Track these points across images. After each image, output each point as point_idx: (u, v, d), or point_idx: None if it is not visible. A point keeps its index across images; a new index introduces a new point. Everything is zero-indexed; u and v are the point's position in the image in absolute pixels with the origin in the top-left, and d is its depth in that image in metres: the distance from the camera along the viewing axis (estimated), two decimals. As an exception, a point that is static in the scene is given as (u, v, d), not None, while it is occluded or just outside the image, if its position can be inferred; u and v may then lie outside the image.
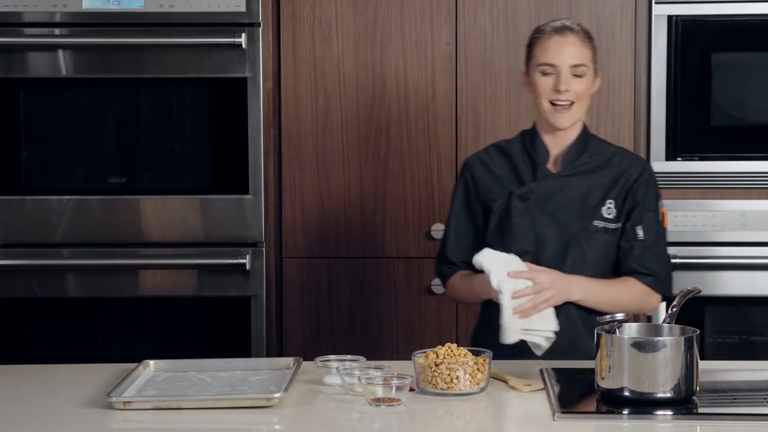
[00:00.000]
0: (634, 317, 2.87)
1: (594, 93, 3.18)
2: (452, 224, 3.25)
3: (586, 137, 3.19)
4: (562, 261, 3.09)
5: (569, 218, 3.12)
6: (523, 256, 3.05)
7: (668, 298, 3.05)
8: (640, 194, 3.15)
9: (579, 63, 3.09)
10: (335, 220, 4.07)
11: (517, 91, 4.02)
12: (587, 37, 3.13)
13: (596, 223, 3.12)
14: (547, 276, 2.97)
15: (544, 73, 3.10)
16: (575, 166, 3.16)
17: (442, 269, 3.27)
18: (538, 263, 3.06)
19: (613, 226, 3.13)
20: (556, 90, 3.08)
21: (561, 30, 3.11)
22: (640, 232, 3.12)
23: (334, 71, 4.05)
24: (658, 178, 3.92)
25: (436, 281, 4.03)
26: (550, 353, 2.96)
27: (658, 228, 3.16)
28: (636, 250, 3.11)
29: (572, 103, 3.10)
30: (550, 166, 3.17)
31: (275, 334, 4.06)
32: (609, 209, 3.13)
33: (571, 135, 3.17)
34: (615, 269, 3.15)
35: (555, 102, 3.10)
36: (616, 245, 3.13)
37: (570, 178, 3.15)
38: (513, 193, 3.14)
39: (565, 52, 3.09)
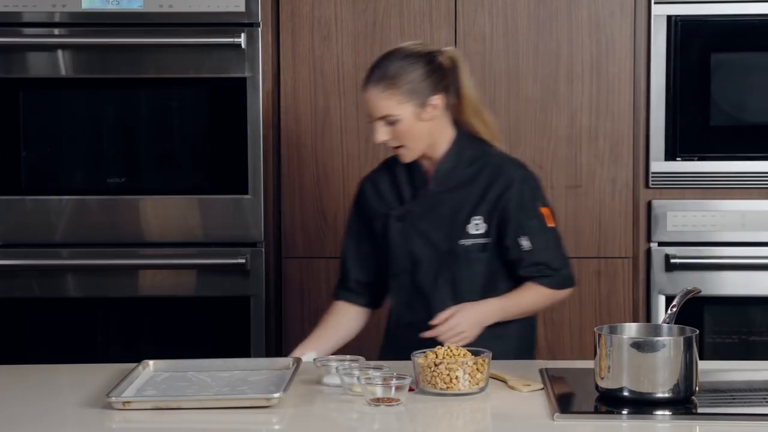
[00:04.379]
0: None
1: (431, 119, 3.03)
2: (349, 245, 3.23)
3: (459, 148, 3.10)
4: (434, 281, 3.08)
5: (439, 238, 3.08)
6: (401, 275, 3.10)
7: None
8: (513, 206, 3.06)
9: (384, 115, 3.01)
10: (335, 220, 4.07)
11: (517, 91, 4.01)
12: (389, 84, 3.00)
13: (462, 242, 3.07)
14: (456, 318, 2.95)
15: (371, 122, 3.06)
16: (447, 181, 3.10)
17: (339, 290, 3.27)
18: (414, 283, 3.09)
19: (482, 241, 3.07)
20: None
21: (366, 84, 3.03)
22: (525, 243, 3.05)
23: (334, 71, 4.05)
24: (658, 178, 3.93)
25: (436, 281, 4.03)
26: None
27: (544, 232, 3.08)
28: (525, 261, 3.06)
29: (402, 145, 3.04)
30: (430, 182, 3.12)
31: (275, 334, 4.06)
32: (476, 225, 3.06)
33: (440, 149, 3.09)
34: (511, 276, 3.09)
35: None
36: (497, 257, 3.07)
37: (444, 195, 3.09)
38: (390, 214, 3.13)
39: (371, 107, 3.02)
